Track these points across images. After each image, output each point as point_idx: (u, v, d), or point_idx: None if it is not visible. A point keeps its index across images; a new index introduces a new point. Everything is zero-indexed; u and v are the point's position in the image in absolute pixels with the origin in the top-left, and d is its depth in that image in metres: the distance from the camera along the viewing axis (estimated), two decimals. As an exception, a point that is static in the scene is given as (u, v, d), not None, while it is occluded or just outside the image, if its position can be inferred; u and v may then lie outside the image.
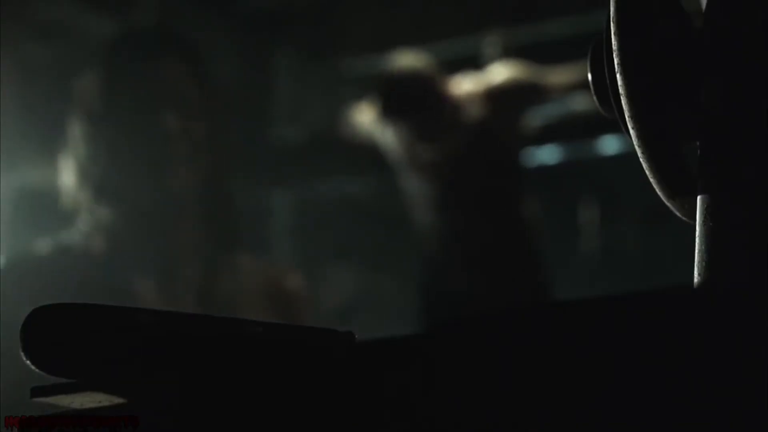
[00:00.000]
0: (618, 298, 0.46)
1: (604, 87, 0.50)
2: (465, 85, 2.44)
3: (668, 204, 0.51)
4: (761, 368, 0.39)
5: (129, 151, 1.31)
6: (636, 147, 0.48)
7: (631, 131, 0.47)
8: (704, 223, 0.45)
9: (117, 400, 0.46)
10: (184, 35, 2.24)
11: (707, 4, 0.48)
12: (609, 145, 3.00)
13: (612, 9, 0.47)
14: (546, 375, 0.43)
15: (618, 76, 0.47)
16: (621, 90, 0.46)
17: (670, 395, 0.41)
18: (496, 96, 2.40)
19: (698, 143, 0.48)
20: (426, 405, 0.44)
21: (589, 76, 0.51)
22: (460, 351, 0.45)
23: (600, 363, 0.42)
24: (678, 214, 0.51)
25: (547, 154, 3.09)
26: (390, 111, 2.43)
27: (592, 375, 0.42)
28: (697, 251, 0.45)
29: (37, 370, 0.45)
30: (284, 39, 3.47)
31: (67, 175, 1.45)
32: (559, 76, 2.42)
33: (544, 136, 2.76)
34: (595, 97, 0.51)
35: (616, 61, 0.46)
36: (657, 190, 0.50)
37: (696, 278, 0.45)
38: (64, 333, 0.44)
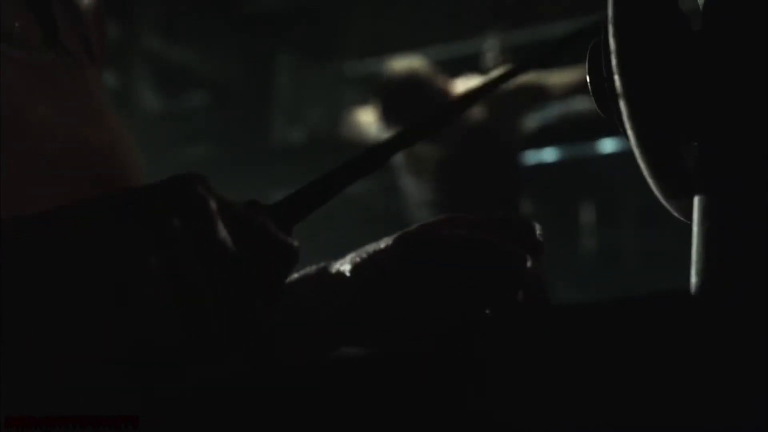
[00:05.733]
0: (617, 302, 0.46)
1: (602, 88, 0.50)
2: (465, 86, 2.43)
3: (666, 204, 0.51)
4: (760, 368, 0.39)
5: None
6: (634, 147, 0.48)
7: (630, 132, 0.47)
8: (702, 223, 0.45)
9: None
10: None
11: (706, 4, 0.48)
12: (608, 145, 3.00)
13: (610, 10, 0.47)
14: (544, 378, 0.43)
15: (616, 76, 0.47)
16: (619, 90, 0.47)
17: (670, 396, 0.41)
18: (495, 98, 2.39)
19: (697, 143, 0.48)
20: (425, 405, 0.44)
21: (588, 77, 0.51)
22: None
23: (600, 366, 0.42)
24: (676, 214, 0.51)
25: (547, 154, 3.09)
26: (390, 112, 2.42)
27: (591, 378, 0.42)
28: (694, 251, 0.45)
29: None
30: (284, 40, 3.47)
31: None
32: (558, 77, 2.42)
33: (543, 136, 2.76)
34: (593, 98, 0.51)
35: (614, 62, 0.46)
36: (655, 191, 0.50)
37: (693, 278, 0.45)
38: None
